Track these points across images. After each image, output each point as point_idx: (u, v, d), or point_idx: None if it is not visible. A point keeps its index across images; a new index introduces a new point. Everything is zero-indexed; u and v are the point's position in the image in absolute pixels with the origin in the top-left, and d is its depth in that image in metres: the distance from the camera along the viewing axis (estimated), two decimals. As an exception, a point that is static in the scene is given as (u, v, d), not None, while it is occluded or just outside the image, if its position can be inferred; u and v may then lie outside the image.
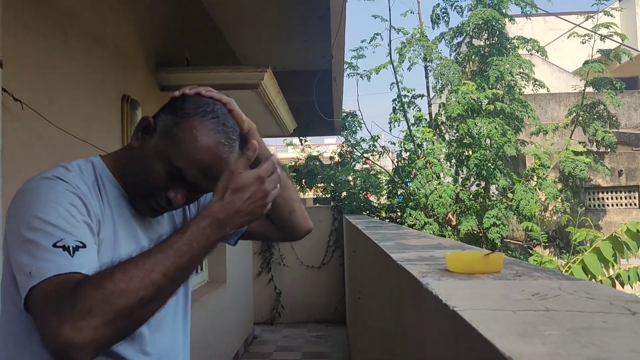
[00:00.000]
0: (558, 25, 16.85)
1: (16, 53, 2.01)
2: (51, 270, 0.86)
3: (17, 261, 0.91)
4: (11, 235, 0.94)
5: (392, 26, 8.38)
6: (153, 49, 3.64)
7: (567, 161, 8.55)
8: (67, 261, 0.88)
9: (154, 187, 1.05)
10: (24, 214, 0.93)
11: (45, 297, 0.84)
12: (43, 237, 0.89)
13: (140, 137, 1.08)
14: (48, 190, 0.96)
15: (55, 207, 0.93)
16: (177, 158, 1.02)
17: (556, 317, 0.70)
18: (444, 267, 1.23)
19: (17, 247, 0.91)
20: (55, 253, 0.88)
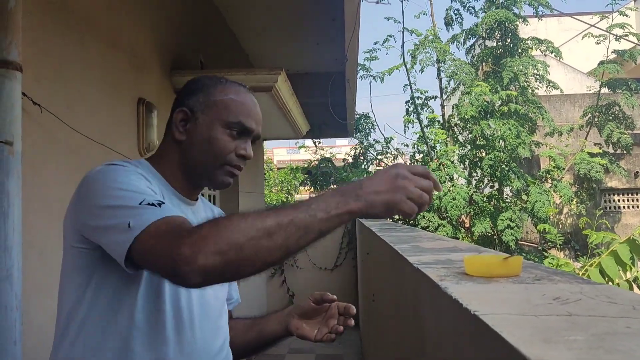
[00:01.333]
0: (572, 26, 16.71)
1: (35, 58, 2.03)
2: (151, 218, 0.92)
3: (104, 227, 0.95)
4: (92, 210, 0.99)
5: (405, 28, 8.37)
6: (168, 53, 3.67)
7: (582, 163, 8.47)
8: (160, 211, 0.94)
9: (225, 152, 1.14)
10: (103, 189, 0.99)
11: (159, 234, 0.90)
12: (127, 200, 0.95)
13: (182, 129, 1.16)
14: (117, 169, 1.04)
15: (129, 178, 1.01)
16: (230, 116, 1.14)
17: (579, 322, 0.69)
18: (461, 271, 1.23)
19: (104, 215, 0.96)
20: (144, 208, 0.94)
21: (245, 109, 1.16)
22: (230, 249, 0.85)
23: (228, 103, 1.15)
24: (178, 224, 0.91)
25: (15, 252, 1.65)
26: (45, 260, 2.08)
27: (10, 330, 1.61)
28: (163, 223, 0.91)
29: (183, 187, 1.19)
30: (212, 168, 1.15)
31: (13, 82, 1.69)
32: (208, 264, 0.85)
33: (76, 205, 1.04)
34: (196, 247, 0.85)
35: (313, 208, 0.90)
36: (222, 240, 0.86)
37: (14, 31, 1.71)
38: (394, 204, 0.94)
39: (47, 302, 2.08)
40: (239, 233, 0.86)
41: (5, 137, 1.64)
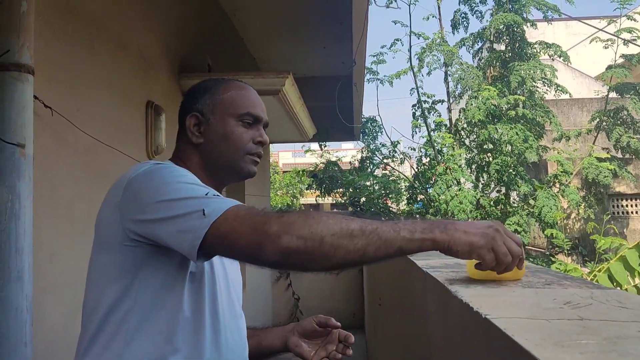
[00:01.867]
0: (580, 30, 16.67)
1: (46, 61, 2.05)
2: (226, 205, 0.96)
3: (172, 218, 0.97)
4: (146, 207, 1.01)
5: (412, 31, 8.38)
6: (176, 56, 3.69)
7: (590, 167, 8.43)
8: (230, 200, 0.98)
9: (244, 143, 1.20)
10: (161, 185, 1.02)
11: (240, 218, 0.94)
12: (193, 192, 0.99)
13: (197, 133, 1.21)
14: (172, 167, 1.09)
15: (186, 175, 1.06)
16: (239, 109, 1.21)
17: (591, 326, 0.69)
18: (468, 275, 1.23)
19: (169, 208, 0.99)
20: (213, 198, 0.98)
21: (250, 100, 1.23)
22: (313, 238, 0.90)
23: (233, 97, 1.22)
24: (259, 209, 0.96)
25: (26, 253, 1.66)
26: (55, 262, 2.10)
27: (21, 331, 1.62)
28: (241, 208, 0.96)
29: None
30: (236, 160, 1.21)
31: (25, 85, 1.70)
32: (292, 245, 0.89)
33: (123, 205, 1.05)
34: (284, 228, 0.90)
35: (399, 226, 0.94)
36: (307, 227, 0.90)
37: (26, 34, 1.73)
38: (477, 248, 0.95)
39: (58, 304, 2.09)
40: (324, 226, 0.91)
41: (17, 139, 1.65)
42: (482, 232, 0.95)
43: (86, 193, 2.35)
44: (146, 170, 1.08)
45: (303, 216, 0.93)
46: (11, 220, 1.62)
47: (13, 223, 1.63)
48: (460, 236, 0.94)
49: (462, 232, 0.94)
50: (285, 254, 0.90)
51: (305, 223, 0.91)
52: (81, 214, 2.29)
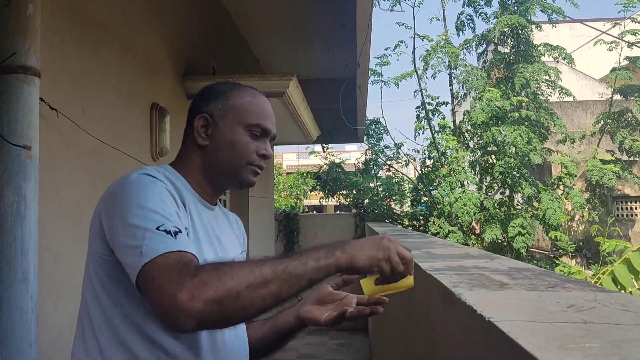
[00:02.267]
0: (584, 32, 16.63)
1: (52, 63, 2.07)
2: (161, 248, 0.95)
3: (123, 245, 0.99)
4: (115, 223, 1.02)
5: (416, 33, 8.37)
6: (181, 58, 3.70)
7: (594, 170, 8.41)
8: (173, 242, 0.97)
9: (248, 153, 1.20)
10: (128, 203, 1.02)
11: (163, 269, 0.92)
12: (146, 221, 0.98)
13: (204, 135, 1.20)
14: (147, 183, 1.07)
15: (155, 197, 1.03)
16: (250, 118, 1.20)
17: (594, 329, 0.69)
18: (474, 278, 1.23)
19: (123, 233, 0.99)
20: (159, 235, 0.97)
21: (262, 112, 1.22)
22: (229, 296, 0.90)
23: (246, 106, 1.21)
24: (184, 262, 0.94)
25: (31, 255, 1.67)
26: (60, 264, 2.11)
27: (26, 332, 1.63)
28: (170, 257, 0.94)
29: (206, 191, 1.23)
30: (238, 168, 1.20)
31: (31, 87, 1.71)
32: (205, 311, 0.89)
33: (102, 215, 1.06)
34: (195, 293, 0.88)
35: (304, 257, 0.97)
36: (222, 286, 0.90)
37: (32, 37, 1.74)
38: (376, 260, 1.02)
39: (62, 305, 2.10)
40: (238, 280, 0.91)
41: (23, 141, 1.66)
42: (377, 246, 1.02)
43: (91, 195, 2.36)
44: (125, 182, 1.07)
45: (216, 274, 0.91)
46: (17, 221, 1.63)
47: (19, 224, 1.64)
48: (359, 253, 1.00)
49: (359, 249, 1.01)
50: (199, 320, 0.89)
51: (219, 282, 0.90)
52: (86, 216, 2.29)
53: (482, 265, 1.51)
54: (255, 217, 5.83)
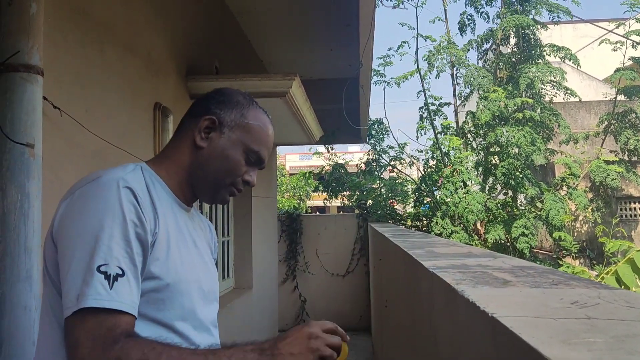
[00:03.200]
0: (587, 33, 16.59)
1: (56, 62, 2.07)
2: (91, 299, 0.91)
3: (63, 271, 0.97)
4: (64, 240, 1.00)
5: (419, 34, 8.37)
6: (183, 58, 3.71)
7: (598, 170, 8.39)
8: (107, 293, 0.93)
9: (236, 174, 1.18)
10: (81, 223, 0.99)
11: (85, 332, 0.90)
12: (92, 253, 0.95)
13: (204, 136, 1.17)
14: (108, 199, 1.01)
15: (114, 224, 0.98)
16: (253, 144, 1.19)
17: (598, 325, 0.69)
18: (477, 275, 1.23)
19: (66, 257, 0.97)
20: (98, 278, 0.93)
21: (266, 142, 1.21)
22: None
23: (256, 130, 1.20)
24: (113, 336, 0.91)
25: (35, 253, 1.67)
26: (63, 262, 2.11)
27: (29, 330, 1.63)
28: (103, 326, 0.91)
29: (184, 192, 1.20)
30: (220, 183, 1.18)
31: (34, 86, 1.72)
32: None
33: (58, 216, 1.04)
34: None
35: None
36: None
37: (35, 35, 1.75)
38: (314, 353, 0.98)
39: (65, 303, 2.10)
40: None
41: (27, 139, 1.67)
42: (307, 348, 0.98)
43: (94, 194, 2.36)
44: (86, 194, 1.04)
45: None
46: (20, 219, 1.64)
47: (22, 223, 1.64)
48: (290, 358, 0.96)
49: (289, 356, 0.96)
50: None
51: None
52: (89, 215, 2.30)
53: (485, 264, 1.51)
54: (258, 217, 5.83)
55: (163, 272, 1.04)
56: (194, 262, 1.15)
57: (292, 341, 0.98)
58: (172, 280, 1.06)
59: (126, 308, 0.94)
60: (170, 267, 1.06)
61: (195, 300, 1.12)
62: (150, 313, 1.03)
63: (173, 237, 1.10)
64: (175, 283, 1.07)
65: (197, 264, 1.17)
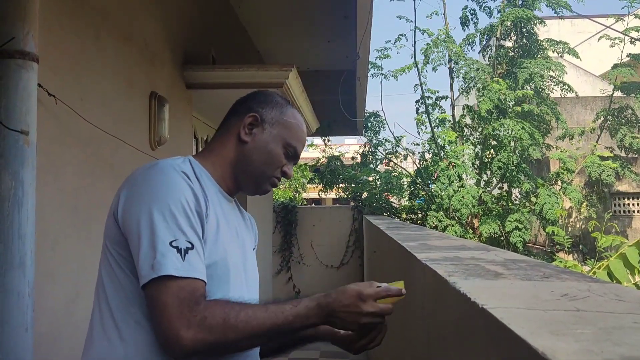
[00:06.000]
0: (585, 28, 16.59)
1: (51, 49, 2.06)
2: (168, 269, 1.01)
3: (136, 245, 1.05)
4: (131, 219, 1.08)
5: (417, 27, 8.34)
6: (180, 47, 3.69)
7: (593, 166, 8.41)
8: (181, 264, 1.03)
9: (276, 166, 1.29)
10: (147, 202, 1.08)
11: (174, 298, 1.01)
12: (162, 231, 1.04)
13: (249, 132, 1.28)
14: (171, 182, 1.11)
15: (175, 202, 1.08)
16: (292, 139, 1.30)
17: (587, 317, 0.70)
18: (470, 268, 1.23)
19: (136, 232, 1.06)
20: (170, 251, 1.03)
21: (303, 139, 1.34)
22: (223, 345, 1.03)
23: (294, 127, 1.32)
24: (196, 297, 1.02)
25: (28, 240, 1.67)
26: (58, 250, 2.11)
27: (22, 316, 1.64)
28: (184, 288, 1.02)
29: (228, 185, 1.29)
30: (263, 175, 1.29)
31: (29, 73, 1.71)
32: (198, 351, 1.00)
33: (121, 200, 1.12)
34: (198, 336, 1.00)
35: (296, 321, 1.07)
36: (222, 337, 1.01)
37: (31, 22, 1.74)
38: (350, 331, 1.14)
39: (59, 291, 2.11)
40: (238, 335, 1.03)
41: (21, 126, 1.66)
42: (354, 322, 1.09)
43: (90, 182, 2.36)
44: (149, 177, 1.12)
45: (223, 324, 1.01)
46: (14, 206, 1.63)
47: (16, 210, 1.64)
48: (340, 324, 1.10)
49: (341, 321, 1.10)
50: (191, 355, 1.01)
51: (222, 333, 1.01)
52: (84, 203, 2.30)
53: (478, 257, 1.52)
54: (253, 208, 5.83)
55: (212, 251, 1.13)
56: (237, 249, 1.26)
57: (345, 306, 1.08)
58: (220, 258, 1.15)
59: (200, 275, 1.05)
60: (220, 247, 1.15)
61: (240, 282, 1.22)
62: None
63: (221, 221, 1.19)
64: (224, 261, 1.16)
65: (239, 252, 1.27)
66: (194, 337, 0.99)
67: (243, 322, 1.02)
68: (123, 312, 1.10)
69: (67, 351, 2.09)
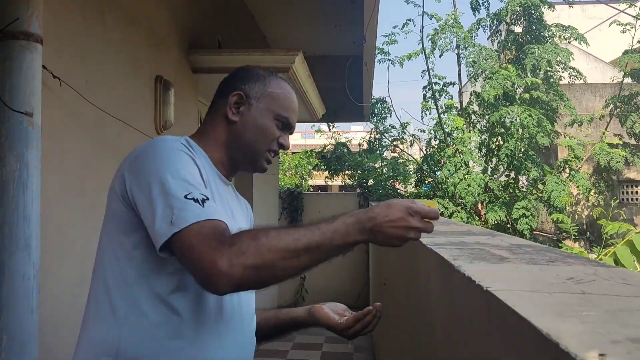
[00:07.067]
0: (596, 14, 16.37)
1: (56, 31, 2.04)
2: (191, 217, 0.99)
3: (149, 212, 1.03)
4: (140, 188, 1.06)
5: (425, 12, 8.26)
6: (186, 31, 3.67)
7: (601, 153, 8.35)
8: (201, 210, 1.01)
9: (270, 140, 1.27)
10: (155, 168, 1.06)
11: (200, 237, 0.97)
12: (174, 189, 1.02)
13: (235, 111, 1.26)
14: (173, 149, 1.11)
15: (181, 164, 1.08)
16: (281, 110, 1.27)
17: (593, 299, 0.69)
18: (475, 252, 1.22)
19: (148, 199, 1.03)
20: (187, 203, 1.01)
21: (292, 107, 1.30)
22: (265, 266, 0.97)
23: (281, 97, 1.28)
24: (220, 231, 0.99)
25: (33, 222, 1.68)
26: (63, 233, 2.12)
27: (27, 298, 1.65)
28: (206, 225, 0.99)
29: (224, 166, 1.28)
30: (258, 151, 1.27)
31: (34, 54, 1.70)
32: (244, 277, 0.95)
33: (126, 176, 1.10)
34: (235, 261, 0.95)
35: (336, 236, 1.01)
36: (259, 257, 0.96)
37: (35, 3, 1.72)
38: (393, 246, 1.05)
39: (65, 273, 2.12)
40: (275, 253, 0.97)
41: (25, 108, 1.66)
42: (401, 236, 1.03)
43: (95, 165, 2.36)
44: (151, 148, 1.12)
45: (254, 243, 0.97)
46: (19, 188, 1.63)
47: (21, 192, 1.64)
48: (384, 239, 1.03)
49: (384, 236, 1.03)
50: (236, 285, 0.97)
51: (257, 252, 0.96)
52: (90, 186, 2.30)
53: (484, 242, 1.51)
54: (259, 193, 5.84)
55: None
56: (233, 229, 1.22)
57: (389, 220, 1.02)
58: None
59: (220, 218, 1.02)
60: None
61: None
62: None
63: (217, 201, 1.17)
64: None
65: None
66: (230, 263, 0.94)
67: (276, 240, 0.98)
68: (121, 294, 1.09)
69: (73, 333, 2.10)
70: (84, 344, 1.13)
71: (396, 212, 1.03)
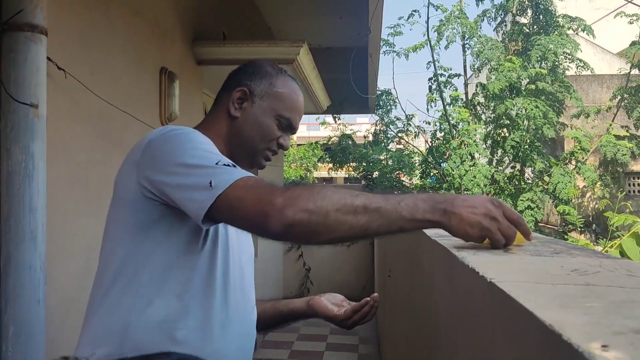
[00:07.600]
0: (604, 5, 16.22)
1: (60, 23, 2.05)
2: (232, 177, 0.97)
3: (182, 187, 1.01)
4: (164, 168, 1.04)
5: (430, 3, 8.20)
6: (190, 23, 3.66)
7: (608, 145, 8.30)
8: (239, 171, 1.00)
9: (270, 139, 1.26)
10: (177, 147, 1.06)
11: (248, 188, 0.96)
12: (203, 159, 1.02)
13: (238, 106, 1.25)
14: (191, 132, 1.12)
15: (202, 141, 1.09)
16: (284, 110, 1.26)
17: (597, 291, 0.69)
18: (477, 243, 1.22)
19: (177, 174, 1.02)
20: (222, 168, 1.00)
21: (297, 108, 1.29)
22: (318, 212, 0.92)
23: (286, 97, 1.27)
24: (267, 182, 0.98)
25: (40, 213, 1.69)
26: (69, 224, 2.13)
27: (34, 289, 1.66)
28: (250, 179, 0.98)
29: None
30: (256, 149, 1.27)
31: (38, 46, 1.70)
32: (296, 218, 0.91)
33: (140, 163, 1.08)
34: (289, 201, 0.92)
35: (402, 206, 0.93)
36: (313, 202, 0.93)
37: (39, -5, 1.72)
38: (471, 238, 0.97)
39: (70, 264, 2.13)
40: (329, 201, 0.93)
41: (31, 99, 1.66)
42: (477, 223, 0.94)
43: (100, 157, 2.36)
44: (167, 132, 1.11)
45: (309, 190, 0.94)
46: (25, 180, 1.64)
47: (27, 183, 1.65)
48: (458, 224, 0.95)
49: (459, 220, 0.94)
50: (289, 225, 0.92)
51: (310, 197, 0.93)
52: (95, 177, 2.31)
53: (488, 233, 1.50)
54: (264, 186, 5.84)
55: None
56: None
57: (471, 207, 0.94)
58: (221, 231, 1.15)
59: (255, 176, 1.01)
60: None
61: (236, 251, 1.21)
62: None
63: None
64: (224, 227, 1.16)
65: None
66: (284, 202, 0.92)
67: (331, 192, 0.94)
68: (127, 283, 1.09)
69: (79, 324, 2.11)
70: (88, 333, 1.14)
71: (477, 199, 0.97)
